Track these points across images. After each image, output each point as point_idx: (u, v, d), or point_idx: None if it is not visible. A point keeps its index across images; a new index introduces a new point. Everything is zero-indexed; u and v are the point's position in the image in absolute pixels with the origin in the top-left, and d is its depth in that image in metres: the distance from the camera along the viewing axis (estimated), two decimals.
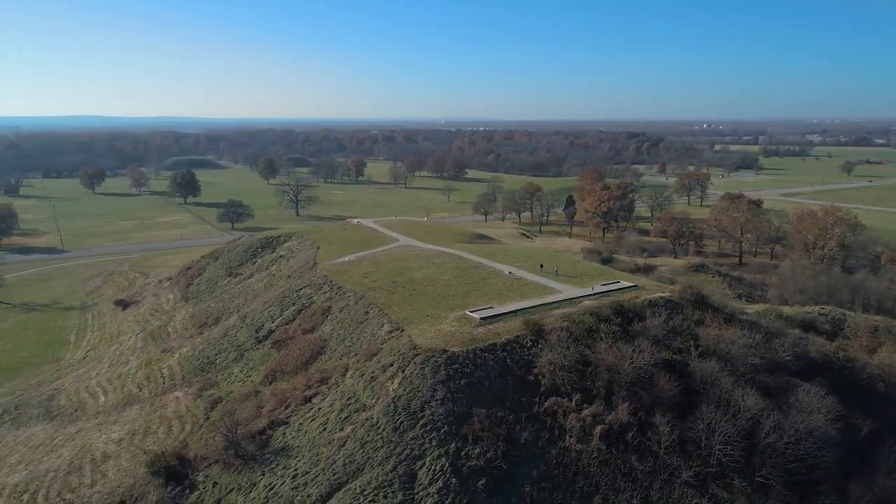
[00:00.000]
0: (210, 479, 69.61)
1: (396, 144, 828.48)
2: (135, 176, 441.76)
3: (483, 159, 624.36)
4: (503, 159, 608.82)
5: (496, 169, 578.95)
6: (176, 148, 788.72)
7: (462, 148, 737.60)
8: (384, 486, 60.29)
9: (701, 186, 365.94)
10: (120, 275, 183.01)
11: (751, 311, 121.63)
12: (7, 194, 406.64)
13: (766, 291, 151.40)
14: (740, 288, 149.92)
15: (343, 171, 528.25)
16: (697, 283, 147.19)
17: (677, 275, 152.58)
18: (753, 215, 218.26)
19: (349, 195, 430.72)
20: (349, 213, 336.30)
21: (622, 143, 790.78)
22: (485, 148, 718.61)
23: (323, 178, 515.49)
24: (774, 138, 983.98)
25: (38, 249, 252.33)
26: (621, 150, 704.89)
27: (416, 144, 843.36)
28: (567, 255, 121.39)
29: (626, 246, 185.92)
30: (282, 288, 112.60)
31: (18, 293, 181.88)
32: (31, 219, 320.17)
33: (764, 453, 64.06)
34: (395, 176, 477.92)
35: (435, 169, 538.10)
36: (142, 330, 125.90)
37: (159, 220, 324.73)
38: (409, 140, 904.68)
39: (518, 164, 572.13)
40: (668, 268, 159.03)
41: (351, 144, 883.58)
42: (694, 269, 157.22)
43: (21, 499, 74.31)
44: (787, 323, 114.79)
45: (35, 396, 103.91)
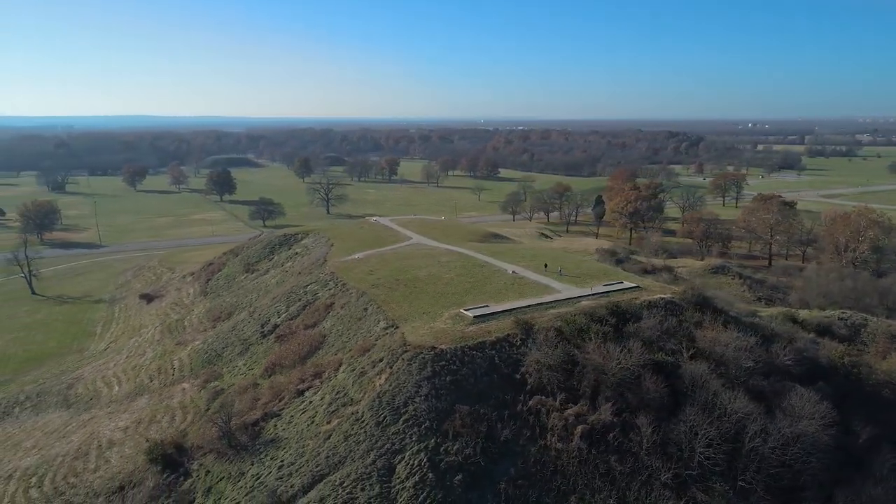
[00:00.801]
0: (204, 467, 71.91)
1: (432, 144, 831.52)
2: (174, 174, 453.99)
3: (517, 159, 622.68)
4: (537, 159, 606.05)
5: (530, 168, 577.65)
6: (217, 147, 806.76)
7: (497, 147, 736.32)
8: (363, 478, 61.54)
9: (736, 187, 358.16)
10: (148, 270, 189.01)
11: (764, 314, 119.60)
12: (54, 191, 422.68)
13: (788, 294, 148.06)
14: (761, 291, 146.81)
15: (377, 170, 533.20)
16: (715, 284, 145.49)
17: (696, 276, 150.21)
18: (784, 217, 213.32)
19: (381, 194, 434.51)
20: (379, 211, 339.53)
21: (661, 142, 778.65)
22: (520, 147, 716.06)
23: (357, 177, 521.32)
24: (821, 138, 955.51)
25: (77, 244, 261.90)
26: (659, 150, 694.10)
27: (452, 144, 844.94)
28: (575, 256, 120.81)
29: (647, 246, 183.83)
30: (291, 284, 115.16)
31: (53, 286, 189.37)
32: (74, 215, 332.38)
33: (747, 457, 63.23)
34: (427, 175, 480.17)
35: (468, 168, 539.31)
36: (161, 323, 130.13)
37: (194, 217, 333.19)
38: (445, 139, 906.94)
39: (552, 164, 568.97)
40: (687, 269, 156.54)
41: (387, 143, 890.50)
42: (714, 270, 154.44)
43: (30, 482, 77.97)
44: (801, 327, 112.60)
45: (56, 385, 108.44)
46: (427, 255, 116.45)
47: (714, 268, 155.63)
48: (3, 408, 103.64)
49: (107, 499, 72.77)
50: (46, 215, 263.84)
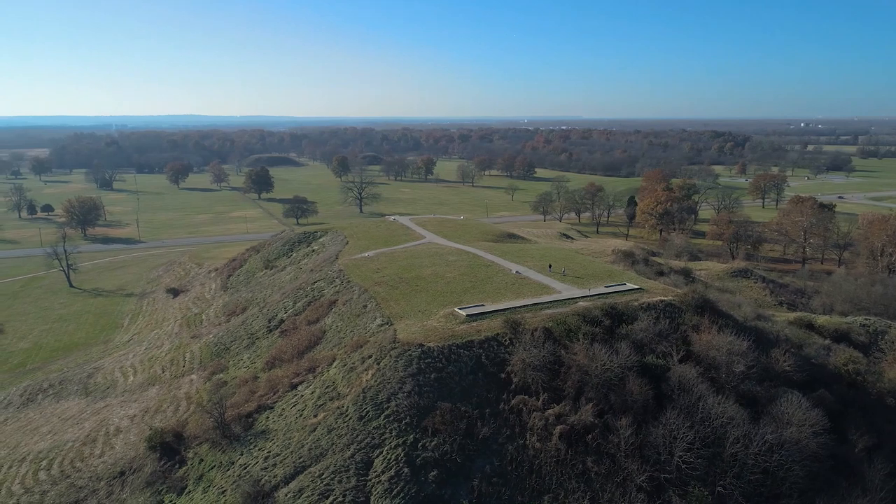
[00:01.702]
0: (198, 456, 74.56)
1: (471, 143, 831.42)
2: (215, 172, 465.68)
3: (555, 158, 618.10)
4: (575, 158, 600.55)
5: (568, 168, 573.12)
6: (260, 146, 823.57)
7: (536, 147, 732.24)
8: (341, 471, 63.06)
9: (777, 188, 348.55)
10: (179, 265, 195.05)
11: (780, 318, 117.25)
12: (102, 188, 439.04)
13: (813, 299, 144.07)
14: (783, 295, 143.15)
15: (413, 169, 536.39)
16: (736, 288, 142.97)
17: (716, 279, 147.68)
18: (819, 220, 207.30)
19: (416, 193, 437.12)
20: (412, 210, 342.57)
21: (705, 142, 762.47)
22: (559, 147, 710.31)
23: (394, 176, 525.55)
24: (875, 138, 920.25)
25: (118, 240, 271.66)
26: (702, 150, 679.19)
27: (492, 143, 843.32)
28: (585, 257, 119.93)
29: (671, 248, 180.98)
30: (300, 280, 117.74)
31: (90, 279, 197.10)
32: (118, 211, 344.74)
33: (727, 463, 62.39)
34: (462, 174, 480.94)
35: (504, 168, 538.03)
36: (182, 317, 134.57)
37: (232, 215, 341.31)
38: (485, 139, 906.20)
39: (590, 164, 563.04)
40: (707, 272, 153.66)
41: (427, 143, 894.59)
42: (736, 274, 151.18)
43: (40, 464, 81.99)
44: (817, 333, 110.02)
45: (77, 373, 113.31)
46: (435, 254, 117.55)
47: (736, 271, 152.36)
48: (28, 394, 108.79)
49: (108, 483, 76.12)
50: (89, 211, 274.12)
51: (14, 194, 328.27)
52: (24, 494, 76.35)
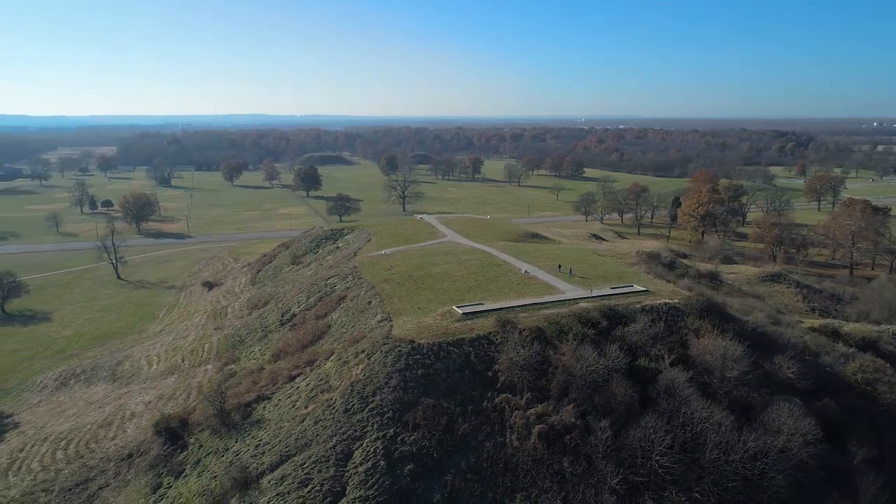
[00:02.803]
0: (198, 441, 77.95)
1: (523, 142, 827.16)
2: (267, 170, 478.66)
3: (606, 158, 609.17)
4: (626, 158, 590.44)
5: (618, 168, 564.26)
6: (315, 145, 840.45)
7: (588, 146, 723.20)
8: (321, 460, 65.05)
9: (833, 190, 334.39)
10: (218, 260, 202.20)
11: (805, 325, 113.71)
12: (161, 185, 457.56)
13: (850, 306, 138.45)
14: (816, 301, 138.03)
15: (461, 168, 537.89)
16: (766, 292, 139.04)
17: (746, 283, 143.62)
18: (869, 224, 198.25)
19: (461, 192, 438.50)
20: (455, 209, 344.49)
21: (765, 142, 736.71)
22: (611, 146, 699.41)
23: (441, 175, 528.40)
24: None
25: (168, 234, 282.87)
26: (762, 151, 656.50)
27: (544, 143, 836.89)
28: (598, 257, 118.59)
29: (707, 250, 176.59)
30: (317, 276, 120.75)
31: (136, 272, 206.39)
32: (173, 207, 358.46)
33: (704, 468, 61.31)
34: (509, 174, 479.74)
35: (552, 167, 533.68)
36: (211, 309, 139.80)
37: (279, 212, 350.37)
38: (537, 138, 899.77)
39: (641, 164, 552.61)
40: (739, 275, 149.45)
41: (479, 142, 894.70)
42: (768, 278, 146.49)
43: (59, 444, 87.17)
44: (843, 341, 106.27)
45: (108, 361, 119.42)
46: (450, 253, 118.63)
47: (769, 275, 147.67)
48: (62, 379, 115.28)
49: (116, 464, 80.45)
50: (143, 207, 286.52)
51: (77, 190, 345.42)
52: (40, 472, 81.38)
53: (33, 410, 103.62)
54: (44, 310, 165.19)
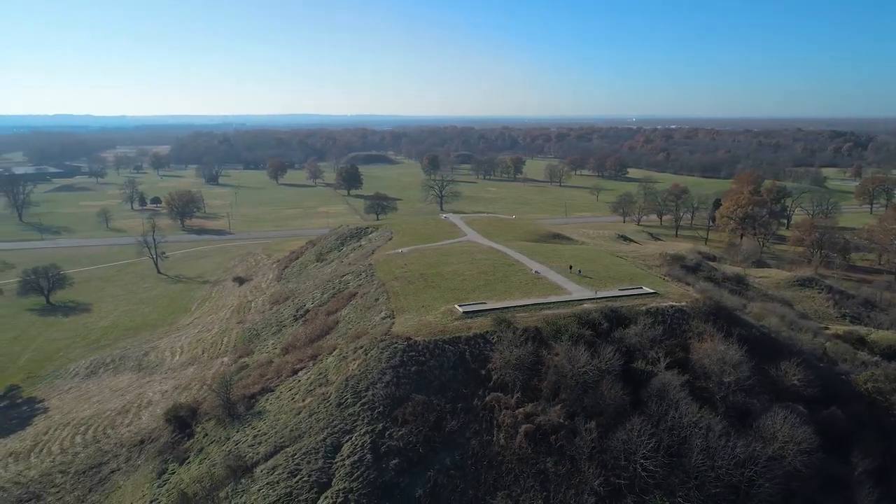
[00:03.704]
0: (204, 430, 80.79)
1: (568, 142, 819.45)
2: (311, 169, 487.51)
3: (652, 158, 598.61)
4: (673, 158, 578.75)
5: (664, 168, 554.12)
6: (361, 144, 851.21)
7: (634, 146, 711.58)
8: (311, 452, 66.71)
9: (887, 193, 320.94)
10: (252, 256, 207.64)
11: (830, 331, 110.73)
12: (209, 183, 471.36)
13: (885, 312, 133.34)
14: (848, 307, 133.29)
15: (502, 168, 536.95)
16: (796, 297, 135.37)
17: (775, 287, 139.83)
18: None
19: (501, 192, 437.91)
20: (492, 209, 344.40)
21: (821, 142, 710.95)
22: (658, 146, 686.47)
23: (483, 175, 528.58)
24: None
25: (210, 231, 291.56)
26: (816, 151, 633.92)
27: (590, 142, 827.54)
28: (614, 259, 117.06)
29: (739, 253, 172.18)
30: (335, 273, 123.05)
31: (176, 267, 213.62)
32: (218, 204, 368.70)
33: (688, 473, 60.46)
34: (550, 174, 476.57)
35: (595, 167, 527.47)
36: (237, 304, 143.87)
37: (319, 210, 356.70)
38: (583, 138, 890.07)
39: (687, 164, 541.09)
40: (769, 280, 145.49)
41: (524, 141, 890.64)
42: (799, 282, 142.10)
43: (79, 429, 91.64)
44: (868, 348, 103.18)
45: (136, 351, 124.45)
46: (465, 252, 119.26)
47: (800, 279, 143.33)
48: (93, 367, 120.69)
49: (128, 449, 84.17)
50: (187, 204, 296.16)
51: (128, 187, 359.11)
52: (59, 454, 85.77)
53: (62, 396, 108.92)
54: (85, 301, 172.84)
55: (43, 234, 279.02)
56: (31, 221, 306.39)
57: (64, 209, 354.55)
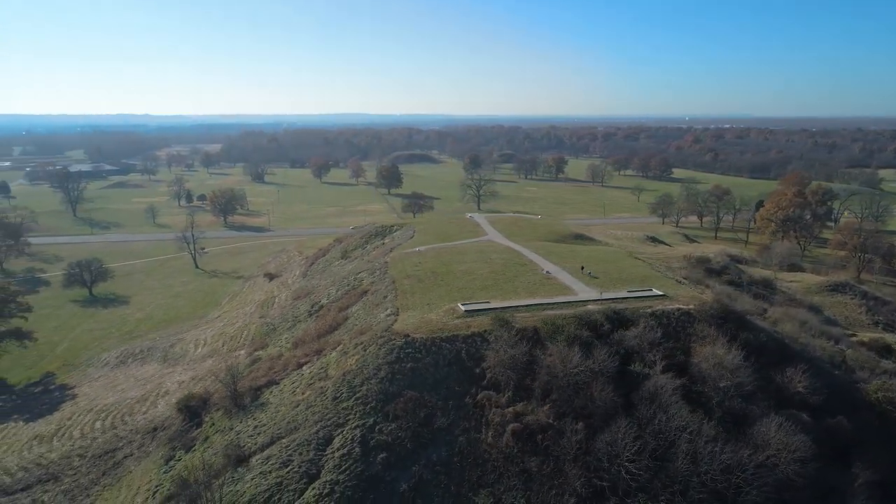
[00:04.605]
0: (212, 420, 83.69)
1: (614, 141, 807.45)
2: (353, 167, 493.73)
3: (699, 158, 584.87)
4: (721, 159, 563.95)
5: (711, 169, 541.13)
6: (406, 143, 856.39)
7: (682, 146, 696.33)
8: (304, 444, 68.53)
9: None
10: (285, 252, 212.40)
11: (855, 338, 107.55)
12: (255, 181, 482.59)
13: None
14: (882, 314, 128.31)
15: (544, 167, 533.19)
16: (827, 303, 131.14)
17: (806, 292, 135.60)
18: None
19: (541, 192, 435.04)
20: (530, 209, 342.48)
21: (882, 142, 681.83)
22: (707, 146, 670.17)
23: (525, 175, 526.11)
24: None
25: (250, 228, 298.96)
26: (875, 152, 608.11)
27: (636, 142, 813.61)
28: (630, 260, 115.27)
29: (773, 256, 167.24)
30: (352, 270, 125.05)
31: (213, 262, 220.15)
32: (260, 202, 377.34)
33: (672, 477, 59.71)
34: (592, 174, 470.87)
35: (639, 167, 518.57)
36: (263, 299, 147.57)
37: (358, 208, 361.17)
38: (630, 137, 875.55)
39: (736, 165, 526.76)
40: (800, 284, 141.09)
41: (570, 141, 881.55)
42: (831, 287, 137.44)
43: (100, 415, 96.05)
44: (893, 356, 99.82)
45: (163, 343, 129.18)
46: (480, 252, 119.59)
47: (833, 284, 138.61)
48: (122, 358, 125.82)
49: (142, 436, 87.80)
50: (229, 201, 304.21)
51: (176, 185, 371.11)
52: (79, 439, 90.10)
53: (91, 384, 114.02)
54: (125, 294, 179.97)
55: (93, 229, 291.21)
56: (83, 217, 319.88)
57: (116, 205, 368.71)
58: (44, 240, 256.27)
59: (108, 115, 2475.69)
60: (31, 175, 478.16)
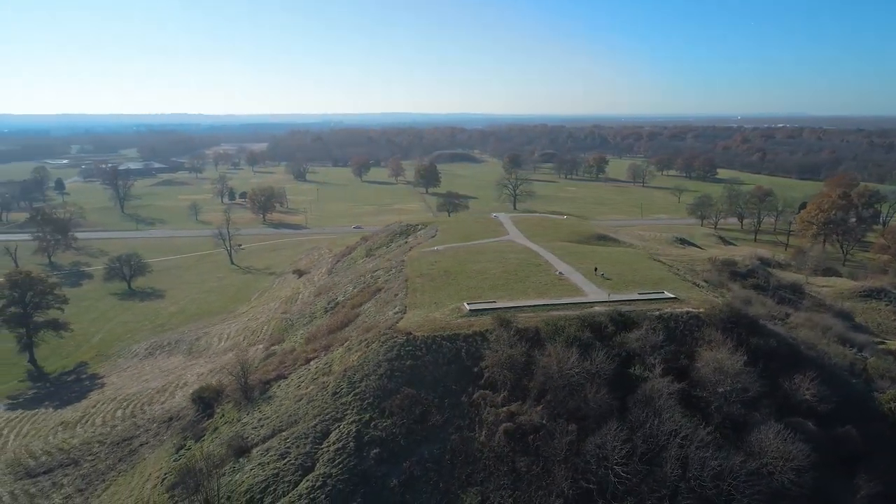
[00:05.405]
0: (222, 411, 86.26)
1: (659, 141, 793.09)
2: (393, 166, 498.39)
3: (746, 159, 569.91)
4: (769, 159, 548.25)
5: (758, 170, 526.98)
6: (448, 142, 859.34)
7: (729, 146, 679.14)
8: (302, 437, 70.20)
9: None
10: (317, 250, 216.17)
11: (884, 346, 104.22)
12: (297, 179, 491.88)
13: None
14: None
15: (585, 167, 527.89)
16: (859, 309, 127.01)
17: (837, 298, 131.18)
18: None
19: (580, 192, 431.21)
20: (568, 209, 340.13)
21: None
22: (755, 146, 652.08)
23: (565, 174, 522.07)
24: None
25: (288, 225, 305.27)
26: None
27: (683, 141, 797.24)
28: (648, 262, 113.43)
29: (807, 260, 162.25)
30: (370, 268, 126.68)
31: (248, 258, 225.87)
32: (300, 200, 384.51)
33: (659, 482, 59.00)
34: (633, 174, 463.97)
35: (683, 168, 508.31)
36: (288, 296, 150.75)
37: (394, 207, 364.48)
38: (677, 137, 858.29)
39: (784, 165, 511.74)
40: (832, 289, 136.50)
41: (614, 140, 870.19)
42: (865, 293, 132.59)
43: (122, 404, 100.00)
44: None
45: (190, 336, 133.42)
46: (498, 252, 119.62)
47: (867, 290, 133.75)
48: (150, 349, 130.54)
49: (158, 425, 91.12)
50: (268, 199, 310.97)
51: (219, 183, 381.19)
52: (101, 426, 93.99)
53: (120, 374, 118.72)
54: (161, 288, 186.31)
55: (138, 225, 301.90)
56: (130, 213, 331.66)
57: (162, 202, 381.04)
58: (91, 235, 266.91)
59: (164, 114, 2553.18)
60: (86, 172, 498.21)
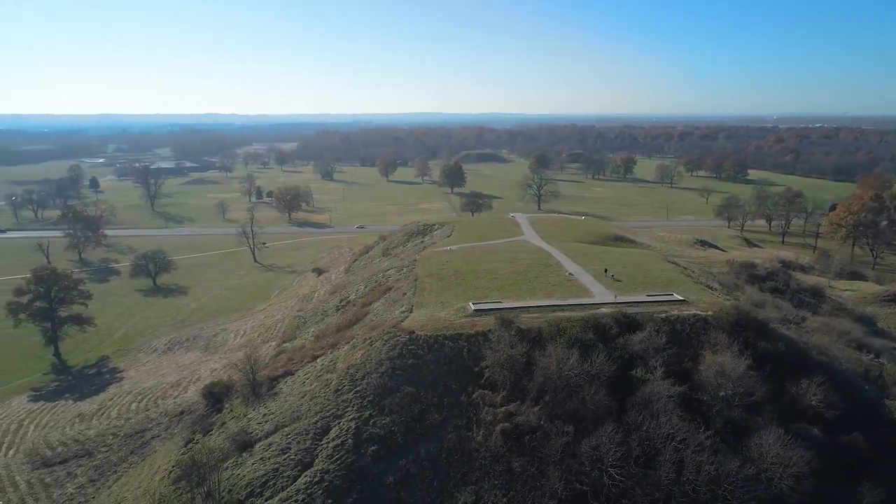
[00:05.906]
0: (231, 407, 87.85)
1: (690, 141, 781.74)
2: (419, 166, 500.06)
3: (778, 159, 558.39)
4: (803, 160, 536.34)
5: (791, 170, 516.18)
6: (476, 142, 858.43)
7: (761, 147, 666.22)
8: (303, 433, 71.20)
9: None
10: (338, 249, 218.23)
11: None
12: (324, 178, 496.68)
13: None
14: None
15: (612, 167, 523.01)
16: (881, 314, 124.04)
17: (860, 303, 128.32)
18: None
19: (606, 192, 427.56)
20: (592, 209, 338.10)
21: None
22: (788, 147, 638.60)
23: (592, 175, 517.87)
24: None
25: (312, 224, 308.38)
26: None
27: (714, 141, 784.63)
28: (662, 263, 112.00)
29: (832, 263, 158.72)
30: (384, 267, 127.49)
31: (272, 256, 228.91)
32: (326, 199, 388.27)
33: (653, 485, 58.50)
34: (661, 174, 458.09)
35: (712, 168, 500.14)
36: (305, 293, 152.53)
37: (419, 206, 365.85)
38: (708, 137, 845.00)
39: (818, 166, 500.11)
40: (855, 294, 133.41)
41: (644, 140, 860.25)
42: (888, 298, 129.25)
43: (136, 397, 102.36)
44: None
45: (208, 332, 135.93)
46: (510, 252, 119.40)
47: (892, 295, 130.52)
48: (169, 345, 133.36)
49: (170, 419, 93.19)
50: (294, 198, 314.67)
51: (247, 182, 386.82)
52: (115, 419, 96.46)
53: (138, 368, 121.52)
54: (185, 285, 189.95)
55: (167, 223, 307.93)
56: (160, 211, 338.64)
57: (192, 200, 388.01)
58: (121, 232, 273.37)
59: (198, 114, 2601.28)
60: (120, 171, 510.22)
